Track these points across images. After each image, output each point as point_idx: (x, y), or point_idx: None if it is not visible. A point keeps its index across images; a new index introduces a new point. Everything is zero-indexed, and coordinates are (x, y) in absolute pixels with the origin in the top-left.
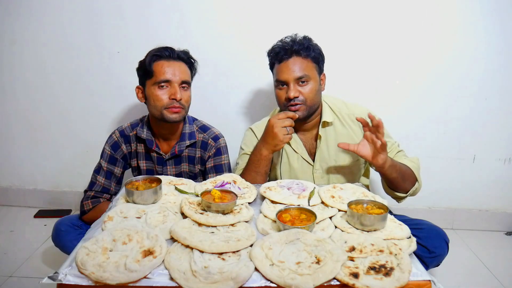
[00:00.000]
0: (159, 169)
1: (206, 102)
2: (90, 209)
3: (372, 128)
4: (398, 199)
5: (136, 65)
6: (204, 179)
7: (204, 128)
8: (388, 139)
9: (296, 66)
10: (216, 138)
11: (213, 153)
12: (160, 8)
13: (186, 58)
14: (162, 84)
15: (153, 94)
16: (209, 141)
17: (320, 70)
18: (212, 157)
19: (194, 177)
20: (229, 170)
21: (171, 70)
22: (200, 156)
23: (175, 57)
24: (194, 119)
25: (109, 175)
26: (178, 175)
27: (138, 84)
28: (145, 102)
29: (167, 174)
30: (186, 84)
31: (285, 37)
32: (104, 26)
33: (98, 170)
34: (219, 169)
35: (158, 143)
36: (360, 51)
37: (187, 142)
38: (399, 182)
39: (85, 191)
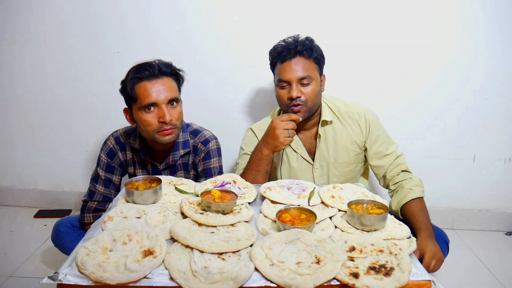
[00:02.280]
0: None
1: (206, 102)
2: (91, 223)
3: None
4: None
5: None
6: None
7: (195, 133)
8: (391, 148)
9: (299, 66)
10: (206, 141)
11: (202, 157)
12: (160, 8)
13: (169, 72)
14: (149, 107)
15: (141, 120)
16: (199, 145)
17: (321, 71)
18: (202, 161)
19: None
20: (219, 174)
21: (155, 91)
22: (192, 161)
23: (157, 74)
24: (187, 125)
25: (107, 183)
26: None
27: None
28: (135, 125)
29: None
30: (174, 102)
31: (288, 37)
32: (104, 26)
33: (95, 178)
34: (208, 173)
35: (152, 153)
36: (360, 51)
37: (181, 152)
38: None
39: (85, 201)
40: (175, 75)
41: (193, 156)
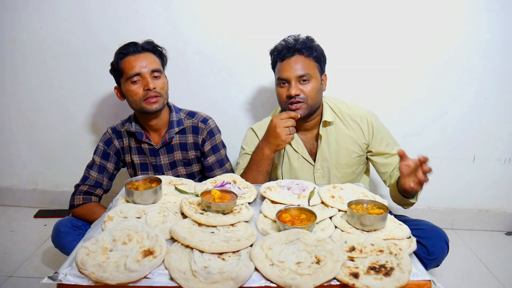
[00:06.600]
0: (152, 160)
1: (207, 100)
2: (80, 205)
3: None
4: (406, 206)
5: None
6: (202, 164)
7: (191, 114)
8: (396, 148)
9: (298, 65)
10: (205, 120)
11: (207, 135)
12: (160, 7)
13: (151, 48)
14: (134, 79)
15: (128, 90)
16: (199, 125)
17: (322, 71)
18: (208, 140)
19: (189, 163)
20: (223, 147)
21: (139, 63)
22: (192, 141)
23: (140, 50)
24: (179, 109)
25: (101, 169)
26: (172, 164)
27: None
28: (125, 100)
29: (161, 165)
30: (157, 72)
31: (288, 37)
32: (104, 26)
33: (91, 165)
34: (215, 149)
35: (148, 134)
36: (359, 50)
37: (176, 129)
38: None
39: (77, 185)
40: (157, 52)
41: (194, 136)
